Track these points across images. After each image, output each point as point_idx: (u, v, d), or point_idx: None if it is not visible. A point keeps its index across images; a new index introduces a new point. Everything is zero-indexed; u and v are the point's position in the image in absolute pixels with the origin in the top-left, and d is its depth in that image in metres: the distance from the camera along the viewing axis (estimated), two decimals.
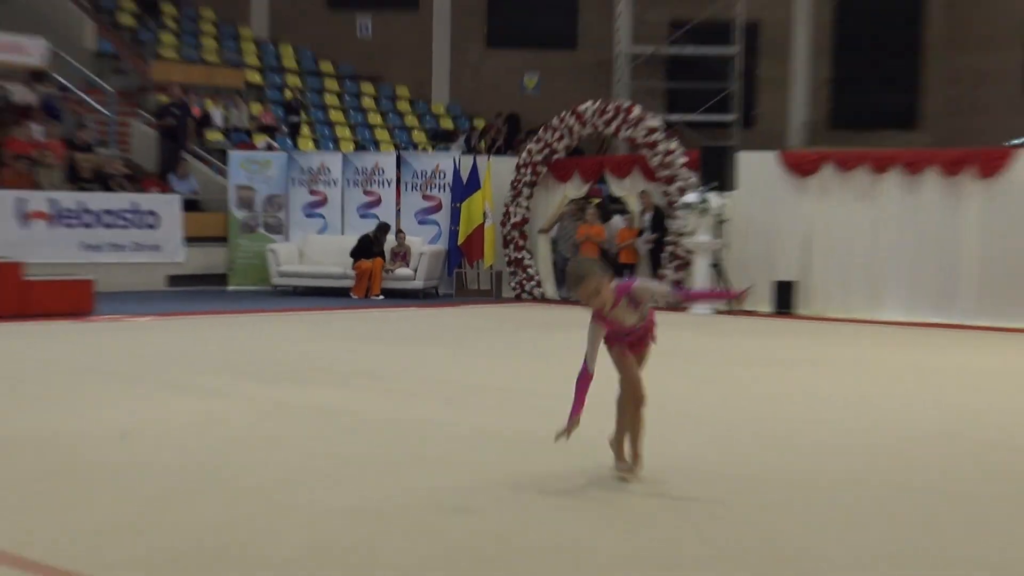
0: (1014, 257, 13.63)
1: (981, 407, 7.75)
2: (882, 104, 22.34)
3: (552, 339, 11.87)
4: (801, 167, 15.05)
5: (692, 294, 7.83)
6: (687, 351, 10.28)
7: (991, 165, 13.69)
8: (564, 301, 16.33)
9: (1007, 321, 13.39)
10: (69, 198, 16.12)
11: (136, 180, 17.51)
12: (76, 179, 16.79)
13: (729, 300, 4.83)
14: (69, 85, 18.90)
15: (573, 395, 4.41)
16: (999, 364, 10.39)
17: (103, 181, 16.87)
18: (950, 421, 7.06)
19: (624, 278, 4.73)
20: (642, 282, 4.70)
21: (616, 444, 4.68)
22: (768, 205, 15.33)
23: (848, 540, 4.29)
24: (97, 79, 19.50)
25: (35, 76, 17.91)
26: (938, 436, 6.47)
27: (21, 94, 17.48)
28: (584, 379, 4.44)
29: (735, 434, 6.45)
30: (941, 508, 4.90)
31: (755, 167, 15.00)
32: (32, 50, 17.71)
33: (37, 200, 15.76)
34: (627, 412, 4.59)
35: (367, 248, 15.85)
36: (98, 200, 16.46)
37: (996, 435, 6.54)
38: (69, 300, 13.14)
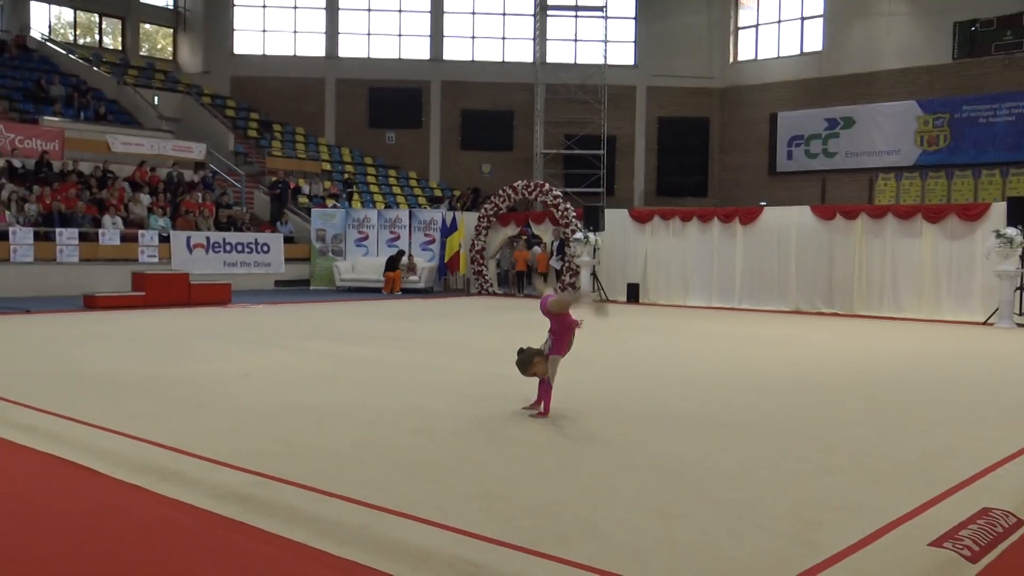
0: (763, 268, 18.07)
1: (749, 356, 10.18)
2: (686, 182, 29.58)
3: (498, 316, 15.27)
4: (641, 217, 19.78)
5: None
6: (593, 325, 14.47)
7: (749, 216, 18.44)
8: (504, 295, 21.22)
9: (761, 305, 17.94)
10: (217, 236, 21.18)
11: (256, 225, 22.91)
12: (221, 225, 22.02)
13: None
14: (218, 170, 24.42)
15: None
16: (758, 331, 13.20)
17: (237, 226, 22.25)
18: (734, 363, 9.29)
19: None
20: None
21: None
22: (622, 239, 19.75)
23: (693, 442, 5.79)
24: (235, 167, 25.03)
25: (198, 165, 24.23)
26: (727, 373, 8.50)
27: (190, 175, 23.65)
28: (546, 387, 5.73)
29: (612, 374, 8.09)
30: (747, 419, 6.79)
31: (615, 218, 19.99)
32: (196, 150, 24.15)
33: (198, 237, 20.82)
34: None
35: (392, 264, 21.49)
36: (234, 237, 21.54)
37: (758, 373, 8.42)
38: (216, 295, 16.84)
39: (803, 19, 29.07)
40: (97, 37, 30.70)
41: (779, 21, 29.67)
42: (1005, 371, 9.22)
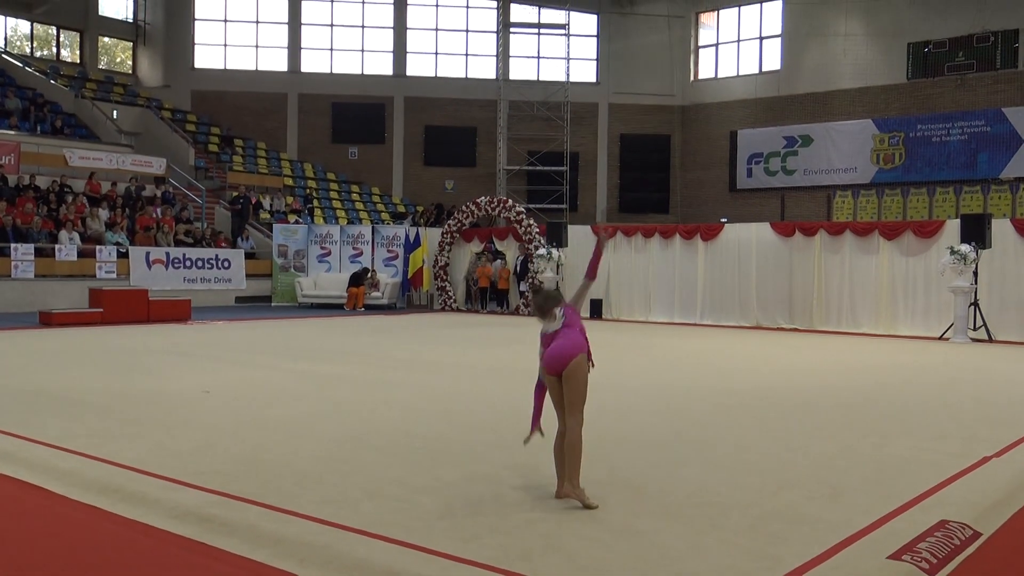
0: (724, 284, 18.13)
1: (710, 372, 10.47)
2: (648, 199, 29.76)
3: (461, 332, 15.40)
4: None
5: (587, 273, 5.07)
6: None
7: (710, 232, 18.49)
8: (468, 311, 21.20)
9: (723, 321, 17.96)
10: (177, 251, 20.82)
11: (216, 240, 22.39)
12: (180, 241, 21.56)
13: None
14: (178, 185, 24.10)
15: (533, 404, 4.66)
16: (719, 346, 13.40)
17: (198, 241, 21.85)
18: (695, 379, 9.69)
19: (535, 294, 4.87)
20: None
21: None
22: (585, 255, 16.77)
23: (654, 458, 5.15)
24: (195, 181, 24.68)
25: (158, 180, 23.72)
26: (688, 389, 8.73)
27: (150, 190, 23.25)
28: (539, 389, 4.67)
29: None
30: (708, 435, 5.65)
31: (578, 234, 19.84)
32: (156, 165, 23.67)
33: (157, 252, 20.48)
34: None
35: (357, 280, 21.23)
36: (194, 252, 21.20)
37: (719, 388, 8.52)
38: (176, 312, 16.70)
39: (762, 39, 29.49)
40: (55, 50, 30.29)
41: (738, 40, 30.07)
42: (961, 386, 9.39)
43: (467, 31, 31.25)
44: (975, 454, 5.74)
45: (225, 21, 30.57)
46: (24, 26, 29.67)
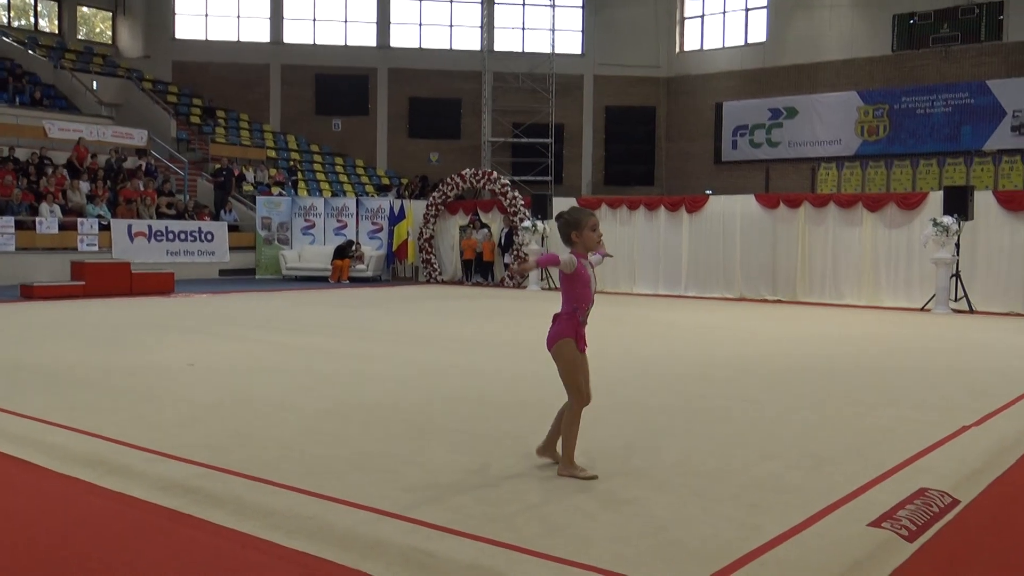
0: (709, 256, 18.16)
1: (693, 343, 10.45)
2: (633, 171, 29.75)
3: (446, 304, 15.21)
4: (589, 206, 18.62)
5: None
6: (527, 311, 14.42)
7: (695, 204, 18.56)
8: (456, 283, 21.18)
9: (707, 293, 18.06)
10: (160, 224, 20.76)
11: (200, 213, 22.41)
12: (163, 213, 21.63)
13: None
14: (160, 157, 23.98)
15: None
16: (703, 318, 13.44)
17: (180, 214, 21.88)
18: (678, 350, 9.67)
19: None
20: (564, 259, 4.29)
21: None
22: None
23: (638, 429, 6.97)
24: (177, 154, 24.60)
25: (140, 152, 23.66)
26: (671, 361, 8.85)
27: (131, 162, 23.03)
28: (550, 257, 4.36)
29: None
30: (692, 406, 7.64)
31: (563, 206, 16.29)
32: (137, 137, 23.75)
33: (139, 225, 20.40)
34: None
35: (341, 253, 21.30)
36: (177, 225, 21.16)
37: (702, 360, 8.56)
38: (159, 284, 16.63)
39: (747, 10, 29.42)
40: (32, 20, 29.84)
41: (724, 12, 29.97)
42: (941, 356, 9.47)
43: (451, 1, 30.97)
44: (954, 423, 5.81)
45: None
46: None
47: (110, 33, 31.02)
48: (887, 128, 26.34)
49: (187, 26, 30.21)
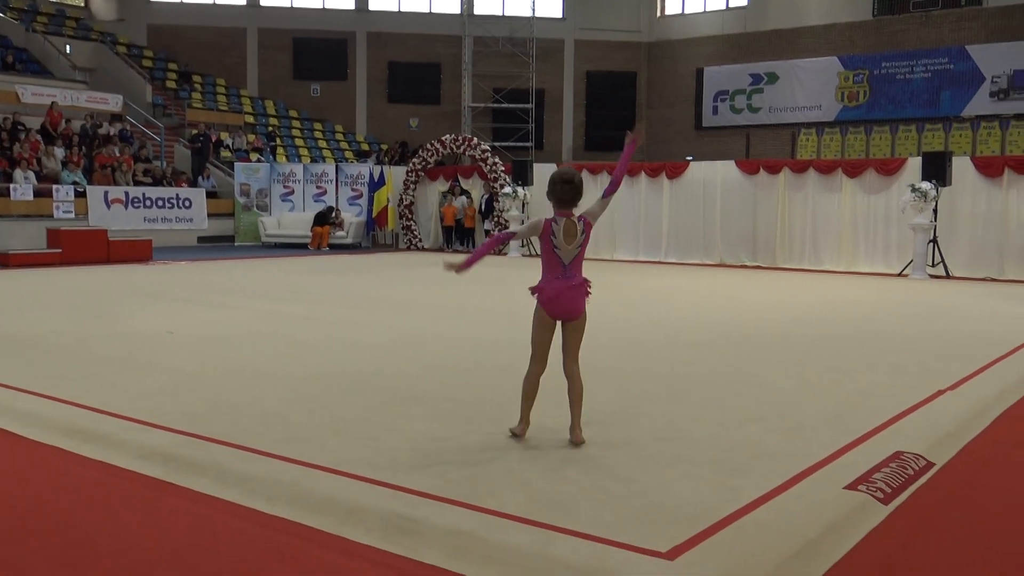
0: (689, 222, 18.23)
1: (674, 309, 10.59)
2: (614, 137, 26.99)
3: (427, 271, 14.95)
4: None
5: (614, 180, 4.47)
6: (507, 278, 14.25)
7: (675, 170, 18.64)
8: (436, 250, 21.02)
9: (687, 259, 18.11)
10: (136, 191, 20.44)
11: (177, 180, 21.97)
12: (140, 180, 21.13)
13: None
14: (136, 123, 23.60)
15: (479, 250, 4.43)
16: (683, 284, 13.60)
17: (157, 180, 21.46)
18: (658, 316, 9.75)
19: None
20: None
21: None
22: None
23: (619, 393, 7.28)
24: (153, 119, 24.27)
25: (115, 117, 23.10)
26: (652, 326, 8.80)
27: (106, 128, 22.44)
28: (494, 240, 4.39)
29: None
30: (671, 371, 6.29)
31: (543, 172, 18.21)
32: (112, 102, 23.34)
33: (116, 192, 20.07)
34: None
35: (320, 219, 21.06)
36: (154, 192, 20.84)
37: (682, 325, 8.74)
38: (137, 252, 16.52)
39: None
40: None
41: None
42: (918, 322, 9.57)
43: None
44: (930, 387, 5.89)
45: None
46: None
47: None
48: (867, 94, 26.36)
49: None
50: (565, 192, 4.31)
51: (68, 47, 25.77)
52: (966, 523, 3.61)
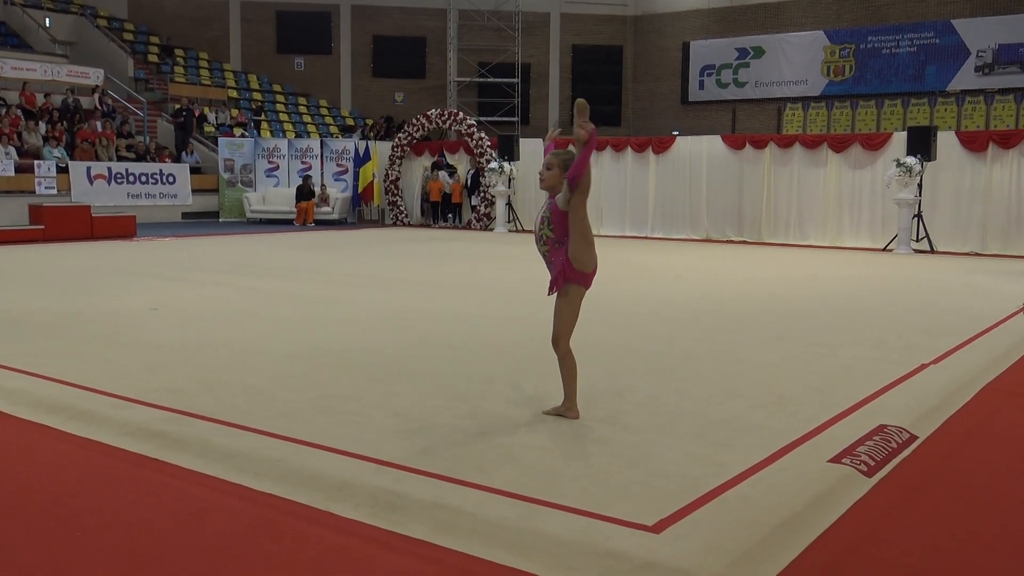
0: (675, 197, 18.28)
1: (659, 284, 10.42)
2: (600, 112, 28.15)
3: (413, 247, 15.15)
4: (556, 146, 21.16)
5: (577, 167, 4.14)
6: (495, 253, 14.58)
7: (662, 145, 18.54)
8: (423, 226, 21.13)
9: (673, 234, 18.23)
10: (119, 166, 20.29)
11: (160, 155, 21.86)
12: (123, 156, 21.03)
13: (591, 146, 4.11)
14: (118, 97, 23.42)
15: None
16: (669, 259, 13.66)
17: (140, 156, 21.30)
18: (644, 291, 9.61)
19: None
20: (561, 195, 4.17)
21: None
22: (536, 169, 20.13)
23: (604, 369, 7.48)
24: (135, 93, 24.00)
25: (96, 91, 22.80)
26: (637, 301, 8.78)
27: (87, 103, 22.28)
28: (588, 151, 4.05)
29: (523, 304, 8.39)
30: (657, 347, 7.65)
31: (530, 148, 19.61)
32: (93, 76, 22.98)
33: (99, 167, 19.95)
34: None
35: (302, 194, 20.85)
36: (137, 167, 20.67)
37: (668, 300, 8.75)
38: (121, 228, 16.44)
39: None
40: None
41: None
42: (902, 296, 9.63)
43: None
44: (913, 361, 5.93)
45: None
46: None
47: None
48: (853, 68, 26.34)
49: None
50: None
51: (47, 20, 25.39)
52: (949, 495, 3.65)
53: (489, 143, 20.50)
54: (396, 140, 22.17)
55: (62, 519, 3.29)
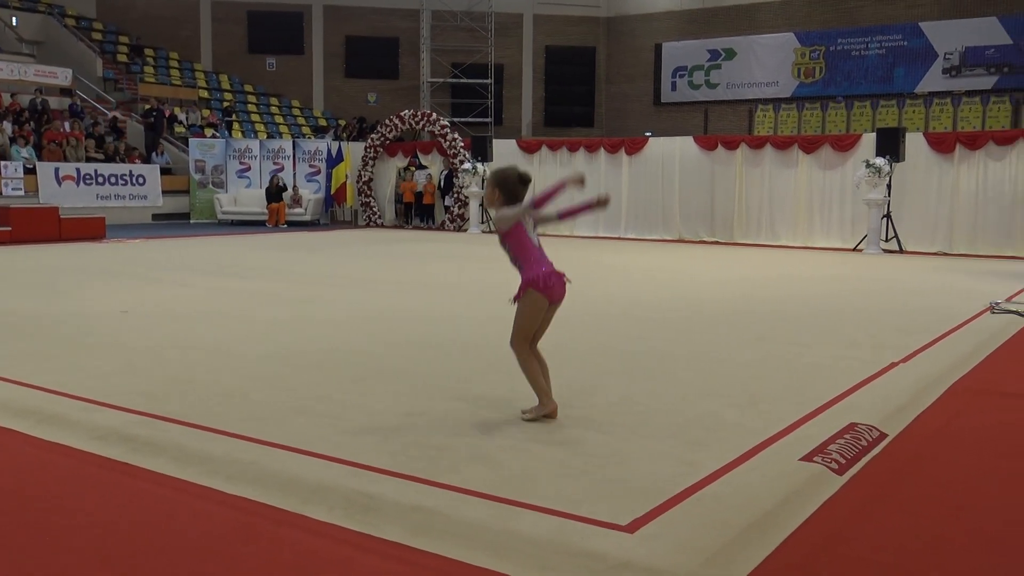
0: (648, 198, 18.40)
1: (633, 285, 10.69)
2: (573, 113, 29.62)
3: (387, 248, 15.27)
4: (529, 148, 19.99)
5: (563, 213, 4.55)
6: (468, 254, 14.76)
7: (634, 146, 18.71)
8: (396, 227, 21.13)
9: (646, 234, 18.39)
10: (88, 167, 20.12)
11: (130, 156, 21.75)
12: (91, 157, 20.91)
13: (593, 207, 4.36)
14: (87, 97, 23.26)
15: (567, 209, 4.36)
16: (642, 260, 13.68)
17: (110, 157, 21.10)
18: (618, 292, 9.66)
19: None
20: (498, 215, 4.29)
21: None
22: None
23: (578, 369, 6.64)
24: (104, 94, 23.91)
25: (64, 91, 22.91)
26: (612, 302, 7.12)
27: (55, 103, 22.42)
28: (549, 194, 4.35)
29: (495, 306, 8.16)
30: (631, 347, 7.46)
31: (503, 148, 19.81)
32: (61, 76, 22.80)
33: (67, 168, 19.77)
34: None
35: (272, 195, 20.85)
36: (106, 168, 20.48)
37: (641, 301, 8.89)
38: (90, 230, 16.28)
39: None
40: None
41: None
42: (872, 296, 9.73)
43: None
44: (883, 360, 6.00)
45: None
46: None
47: None
48: (823, 70, 26.59)
49: None
50: (521, 193, 4.43)
51: (14, 19, 25.14)
52: (918, 492, 3.69)
53: (462, 144, 20.53)
54: (369, 141, 22.15)
55: (31, 524, 3.23)
